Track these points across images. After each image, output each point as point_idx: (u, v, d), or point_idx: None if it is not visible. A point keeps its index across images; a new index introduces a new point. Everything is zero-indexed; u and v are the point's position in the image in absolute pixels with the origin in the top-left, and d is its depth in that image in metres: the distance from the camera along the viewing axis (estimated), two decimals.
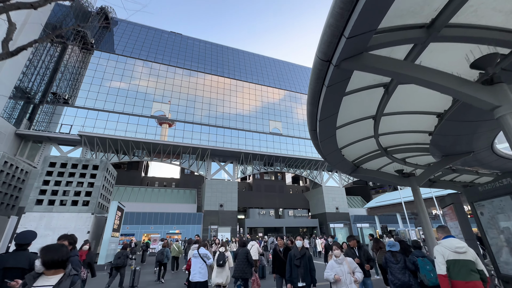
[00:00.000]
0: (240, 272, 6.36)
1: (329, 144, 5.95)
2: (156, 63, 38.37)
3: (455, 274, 3.40)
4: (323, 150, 6.17)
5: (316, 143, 5.95)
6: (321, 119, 4.61)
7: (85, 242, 6.56)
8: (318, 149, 6.40)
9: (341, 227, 21.64)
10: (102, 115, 30.65)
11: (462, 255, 3.43)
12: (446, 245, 3.59)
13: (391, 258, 4.94)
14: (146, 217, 27.62)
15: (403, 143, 7.54)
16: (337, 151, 6.72)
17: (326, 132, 5.28)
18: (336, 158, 7.05)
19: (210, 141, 34.24)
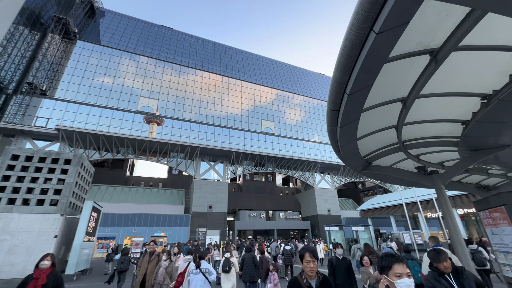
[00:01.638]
0: (248, 276, 6.73)
1: (350, 130, 4.88)
2: (144, 56, 36.50)
3: None
4: (340, 138, 5.09)
5: (333, 129, 4.86)
6: (351, 92, 3.51)
7: (44, 257, 4.19)
8: (334, 138, 5.33)
9: (337, 230, 20.79)
10: (83, 108, 28.52)
11: None
12: None
13: None
14: (129, 219, 25.74)
15: (425, 136, 6.59)
16: (354, 142, 5.67)
17: (351, 114, 4.20)
18: (351, 150, 6.01)
19: (199, 140, 32.72)
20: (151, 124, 31.96)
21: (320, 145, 42.40)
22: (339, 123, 4.49)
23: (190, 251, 4.65)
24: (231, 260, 6.67)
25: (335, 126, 4.70)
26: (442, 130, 6.25)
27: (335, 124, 4.59)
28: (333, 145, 5.70)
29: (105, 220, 24.70)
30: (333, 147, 5.86)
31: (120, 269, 8.23)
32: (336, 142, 5.48)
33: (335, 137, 5.20)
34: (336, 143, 5.50)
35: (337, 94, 3.70)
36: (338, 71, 3.32)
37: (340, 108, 4.02)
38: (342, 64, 3.15)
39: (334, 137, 5.19)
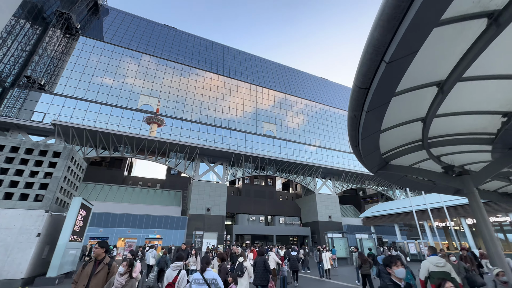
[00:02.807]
0: (259, 279, 6.87)
1: (376, 117, 4.13)
2: (146, 54, 36.02)
3: (434, 280, 4.61)
4: (363, 128, 4.34)
5: (356, 115, 4.11)
6: (391, 59, 2.78)
7: None
8: (355, 128, 4.57)
9: (340, 238, 19.85)
10: (82, 104, 27.85)
11: (442, 268, 4.78)
12: (431, 260, 4.97)
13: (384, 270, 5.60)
14: (124, 219, 24.80)
15: (453, 132, 5.83)
16: (376, 135, 4.91)
17: (383, 94, 3.46)
18: (371, 145, 5.25)
19: (199, 140, 31.96)
20: (151, 125, 31.23)
21: (322, 150, 41.61)
22: (365, 106, 3.73)
23: (181, 257, 3.86)
24: (244, 265, 6.53)
25: (359, 111, 3.94)
26: (474, 125, 5.49)
27: (360, 107, 3.84)
28: (351, 136, 4.93)
29: (98, 220, 23.80)
30: (351, 140, 5.09)
31: None
32: (356, 133, 4.72)
33: (357, 126, 4.44)
34: (356, 134, 4.74)
35: (371, 63, 2.96)
36: (377, 29, 2.59)
37: (372, 84, 3.28)
38: (386, 16, 2.42)
39: (356, 126, 4.44)
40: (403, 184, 8.69)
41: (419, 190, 9.23)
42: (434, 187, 9.25)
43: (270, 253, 9.87)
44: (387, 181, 7.77)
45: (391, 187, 46.61)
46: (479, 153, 6.48)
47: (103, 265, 3.80)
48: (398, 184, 8.38)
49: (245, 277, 6.35)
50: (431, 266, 4.92)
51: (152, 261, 12.31)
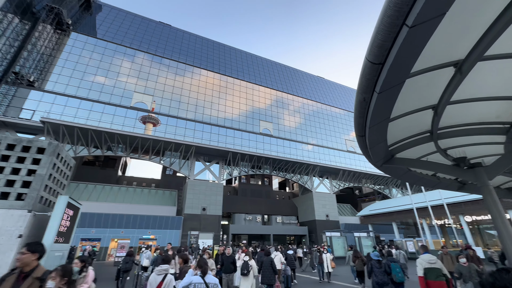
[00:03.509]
0: (267, 279, 7.11)
1: (387, 101, 3.70)
2: (140, 51, 35.26)
3: (429, 276, 5.31)
4: (373, 113, 3.92)
5: (365, 98, 3.68)
6: (415, 23, 2.34)
7: None
8: (362, 114, 4.14)
9: (338, 236, 19.50)
10: (73, 102, 27.03)
11: (434, 265, 5.38)
12: (424, 258, 5.55)
13: (376, 265, 6.45)
14: (117, 220, 24.11)
15: (464, 122, 5.44)
16: (385, 124, 4.49)
17: (399, 71, 3.03)
18: (379, 134, 4.83)
19: (195, 138, 31.35)
20: (146, 124, 30.44)
21: (319, 148, 41.34)
22: (377, 87, 3.30)
23: (167, 259, 3.36)
24: (250, 263, 6.88)
25: (369, 93, 3.51)
26: (488, 113, 5.11)
27: (371, 88, 3.40)
28: (358, 124, 4.50)
29: (90, 220, 23.09)
30: (357, 128, 4.66)
31: (125, 269, 9.07)
32: (363, 121, 4.29)
33: (365, 112, 4.00)
34: (364, 122, 4.31)
35: (390, 29, 2.51)
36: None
37: (388, 57, 2.84)
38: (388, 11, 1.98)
39: (364, 111, 4.00)
40: (407, 179, 8.32)
41: (422, 185, 8.87)
42: (438, 182, 8.89)
43: (275, 253, 10.00)
44: (391, 176, 7.38)
45: (388, 186, 46.59)
46: (490, 146, 6.11)
47: (32, 280, 2.48)
48: (402, 180, 8.00)
49: (250, 276, 6.79)
50: (424, 263, 5.48)
51: (146, 262, 11.82)
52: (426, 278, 5.27)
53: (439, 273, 5.24)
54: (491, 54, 3.51)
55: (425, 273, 5.34)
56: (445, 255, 8.85)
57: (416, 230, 31.98)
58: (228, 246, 8.12)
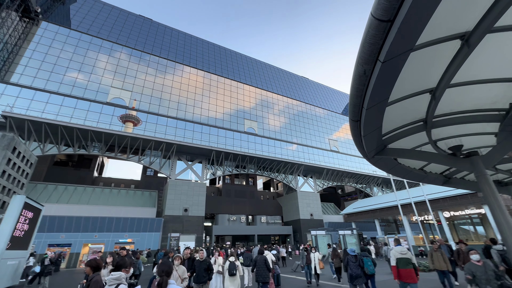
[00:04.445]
0: (261, 276, 7.37)
1: (389, 78, 3.27)
2: (118, 44, 33.36)
3: (400, 265, 6.11)
4: (372, 93, 3.48)
5: (366, 70, 3.20)
6: None
7: None
8: (360, 94, 3.68)
9: (323, 235, 19.37)
10: (41, 95, 24.86)
11: (404, 255, 6.16)
12: (397, 249, 6.35)
13: (352, 259, 7.18)
14: (89, 223, 22.38)
15: (458, 110, 5.19)
16: (382, 106, 4.07)
17: (406, 37, 2.57)
18: (375, 119, 4.42)
19: (177, 136, 30.07)
20: (127, 124, 28.58)
21: (303, 148, 41.43)
22: (382, 54, 2.83)
23: (121, 264, 2.59)
24: (236, 264, 7.29)
25: (371, 63, 3.03)
26: (486, 98, 4.86)
27: (374, 55, 2.92)
28: (354, 106, 4.03)
29: (59, 224, 21.24)
30: (353, 111, 4.19)
31: None
32: (360, 101, 3.83)
33: (364, 88, 3.53)
34: (361, 102, 3.85)
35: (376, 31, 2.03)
36: None
37: (400, 10, 2.35)
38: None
39: (362, 88, 3.53)
40: (396, 173, 8.09)
41: (410, 179, 8.72)
42: (425, 176, 8.78)
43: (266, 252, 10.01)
44: (380, 169, 7.07)
45: (369, 185, 47.76)
46: (482, 136, 5.94)
47: None
48: (391, 173, 7.75)
49: (237, 276, 7.24)
50: (396, 254, 6.28)
51: None
52: (398, 266, 6.15)
53: (408, 262, 6.08)
54: (502, 25, 3.16)
55: (397, 262, 6.18)
56: (435, 252, 8.03)
57: (397, 227, 32.84)
58: (201, 249, 6.80)
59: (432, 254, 8.09)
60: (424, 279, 10.37)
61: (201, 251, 6.58)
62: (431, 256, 8.11)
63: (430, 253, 8.17)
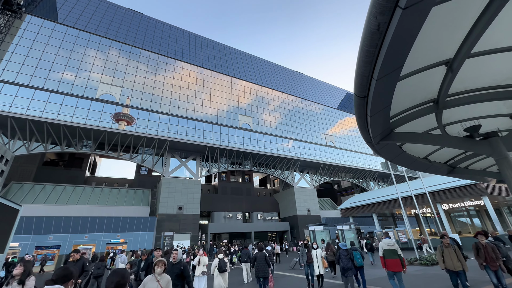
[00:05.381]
0: (261, 272, 7.78)
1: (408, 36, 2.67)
2: (107, 38, 32.18)
3: (387, 256, 6.63)
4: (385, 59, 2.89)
5: (379, 24, 2.58)
6: None
7: None
8: (371, 60, 3.07)
9: (321, 230, 18.96)
10: (25, 92, 23.71)
11: (392, 247, 6.67)
12: (385, 241, 6.85)
13: (344, 253, 7.93)
14: (79, 224, 21.55)
15: (474, 87, 4.63)
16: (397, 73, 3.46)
17: None
18: (384, 95, 3.83)
19: (170, 133, 29.22)
20: (120, 123, 27.51)
21: (299, 143, 40.95)
22: None
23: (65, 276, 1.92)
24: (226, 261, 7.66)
25: (389, 12, 2.42)
26: (506, 71, 4.31)
27: (393, 0, 2.30)
28: (361, 76, 3.41)
29: (47, 225, 20.37)
30: (359, 83, 3.57)
31: (97, 274, 8.60)
32: (369, 69, 3.22)
33: (375, 50, 2.92)
34: (370, 70, 3.24)
35: None
36: None
37: None
38: None
39: (373, 50, 2.91)
40: (400, 162, 7.56)
41: (414, 169, 8.22)
42: (430, 166, 8.29)
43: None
44: (384, 157, 6.49)
45: (366, 179, 47.65)
46: (498, 119, 5.40)
47: None
48: (394, 162, 7.23)
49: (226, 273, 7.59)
50: (384, 245, 6.83)
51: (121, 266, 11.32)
52: (385, 257, 6.70)
53: (394, 252, 6.61)
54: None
55: (384, 253, 6.73)
56: (446, 248, 6.52)
57: (394, 220, 32.71)
58: (175, 249, 5.36)
59: (443, 251, 6.55)
60: (427, 276, 9.93)
61: (175, 251, 5.24)
62: (441, 253, 6.59)
63: (440, 250, 6.64)
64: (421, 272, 10.27)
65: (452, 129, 6.15)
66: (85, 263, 5.93)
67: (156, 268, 3.87)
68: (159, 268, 3.88)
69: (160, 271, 3.88)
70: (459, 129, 6.03)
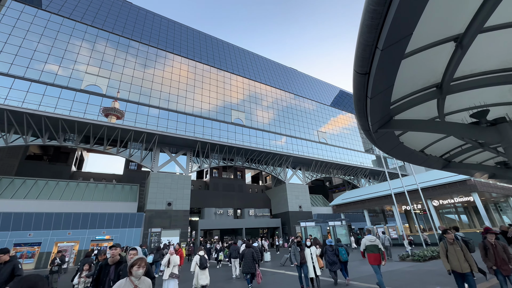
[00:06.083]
0: (248, 268, 8.27)
1: (413, 11, 2.22)
2: (93, 27, 30.79)
3: (369, 250, 7.26)
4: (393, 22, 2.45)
5: None
6: None
7: None
8: (374, 27, 2.62)
9: (313, 226, 18.76)
10: (4, 81, 22.36)
11: (373, 242, 7.29)
12: (367, 238, 7.47)
13: (329, 248, 8.48)
14: (62, 220, 20.59)
15: (481, 70, 4.28)
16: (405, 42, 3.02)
17: None
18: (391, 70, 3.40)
19: (159, 126, 28.31)
20: (110, 117, 26.33)
21: (292, 139, 40.68)
22: None
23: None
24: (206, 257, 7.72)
25: None
26: None
27: None
28: (364, 46, 2.96)
29: (27, 221, 19.37)
30: (361, 54, 3.11)
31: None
32: (374, 35, 2.77)
33: (383, 7, 2.46)
34: (375, 36, 2.79)
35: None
36: None
37: None
38: None
39: (382, 4, 2.45)
40: (396, 154, 7.25)
41: (410, 162, 7.95)
42: (427, 159, 8.03)
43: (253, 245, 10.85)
44: (381, 149, 6.14)
45: (357, 176, 47.98)
46: (506, 107, 5.08)
47: None
48: (390, 154, 6.90)
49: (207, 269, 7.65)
50: (366, 241, 7.42)
51: None
52: (366, 251, 7.36)
53: (376, 247, 7.23)
54: None
55: (365, 248, 7.39)
56: (451, 245, 5.30)
57: (384, 217, 32.99)
58: (132, 248, 4.40)
59: (447, 249, 5.33)
60: (421, 272, 9.74)
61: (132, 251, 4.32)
62: (445, 251, 5.33)
63: (444, 248, 5.38)
64: (414, 268, 10.11)
65: (452, 119, 5.83)
66: (16, 267, 4.70)
67: (135, 269, 2.95)
68: (140, 269, 2.97)
69: (140, 273, 2.97)
70: (462, 118, 5.70)
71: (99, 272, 4.04)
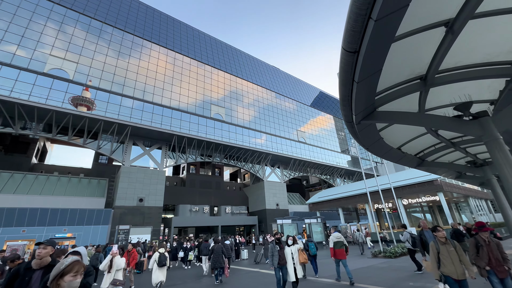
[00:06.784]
0: (217, 263, 8.52)
1: None
2: (61, 6, 28.03)
3: (335, 246, 8.14)
4: None
5: None
6: None
7: None
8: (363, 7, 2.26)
9: (290, 224, 18.72)
10: None
11: (339, 239, 8.20)
12: (334, 235, 8.34)
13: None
14: (15, 216, 18.50)
15: (465, 64, 4.18)
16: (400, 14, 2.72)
17: None
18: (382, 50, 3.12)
19: (132, 118, 26.63)
20: (79, 107, 24.09)
21: (271, 137, 40.66)
22: None
23: None
24: (166, 255, 7.71)
25: None
26: (504, 43, 3.87)
27: None
28: (355, 15, 2.61)
29: None
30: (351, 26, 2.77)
31: None
32: (366, 6, 2.42)
33: None
34: (367, 6, 2.44)
35: None
36: None
37: None
38: None
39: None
40: (375, 150, 7.16)
41: (388, 159, 7.96)
42: (403, 156, 8.09)
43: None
44: (361, 143, 5.93)
45: (333, 176, 49.32)
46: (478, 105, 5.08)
47: None
48: (369, 150, 6.80)
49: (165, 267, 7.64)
50: (334, 238, 8.23)
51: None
52: (335, 247, 8.12)
53: (341, 244, 8.13)
54: None
55: (334, 245, 8.14)
56: (442, 246, 4.26)
57: (357, 215, 34.14)
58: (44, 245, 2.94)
59: (439, 250, 4.28)
60: (393, 268, 9.89)
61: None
62: (436, 254, 4.30)
63: (435, 250, 4.33)
64: (387, 264, 10.28)
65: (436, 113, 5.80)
66: None
67: (68, 280, 1.96)
68: (77, 278, 2.02)
69: (76, 284, 2.01)
70: (442, 114, 5.68)
71: (10, 281, 2.69)
